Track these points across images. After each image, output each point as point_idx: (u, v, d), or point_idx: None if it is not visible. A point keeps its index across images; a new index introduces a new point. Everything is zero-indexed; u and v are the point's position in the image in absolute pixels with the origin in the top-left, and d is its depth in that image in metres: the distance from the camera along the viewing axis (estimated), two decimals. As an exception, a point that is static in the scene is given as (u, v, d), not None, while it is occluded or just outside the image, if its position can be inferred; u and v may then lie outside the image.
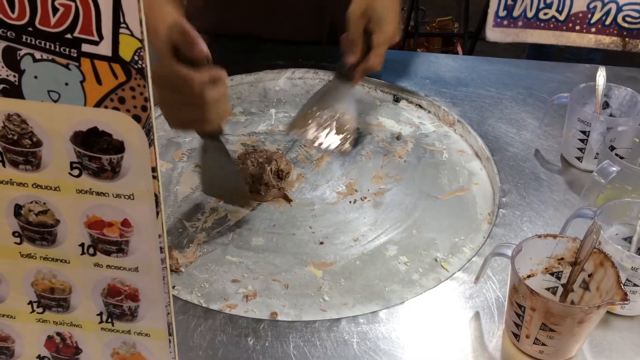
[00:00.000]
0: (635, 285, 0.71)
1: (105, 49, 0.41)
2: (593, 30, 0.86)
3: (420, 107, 1.14)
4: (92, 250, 0.49)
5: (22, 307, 0.54)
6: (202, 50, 0.75)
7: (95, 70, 0.42)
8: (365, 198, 0.94)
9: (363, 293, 0.79)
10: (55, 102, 0.43)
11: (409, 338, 0.71)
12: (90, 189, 0.46)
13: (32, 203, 0.47)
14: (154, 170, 0.44)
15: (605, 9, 0.83)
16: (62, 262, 0.50)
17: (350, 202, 0.93)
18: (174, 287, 0.79)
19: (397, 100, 1.16)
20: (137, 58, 0.41)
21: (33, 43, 0.42)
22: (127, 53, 0.41)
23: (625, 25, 0.84)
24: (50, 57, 0.42)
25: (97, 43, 0.41)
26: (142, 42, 0.40)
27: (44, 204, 0.47)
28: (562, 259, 0.70)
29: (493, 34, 0.91)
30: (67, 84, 0.42)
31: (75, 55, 0.41)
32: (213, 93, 0.76)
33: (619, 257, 0.68)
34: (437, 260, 0.84)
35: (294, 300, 0.78)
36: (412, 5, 2.65)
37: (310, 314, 0.76)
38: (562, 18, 0.86)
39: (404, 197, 0.95)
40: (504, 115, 1.09)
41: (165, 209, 0.90)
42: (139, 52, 0.41)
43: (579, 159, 0.96)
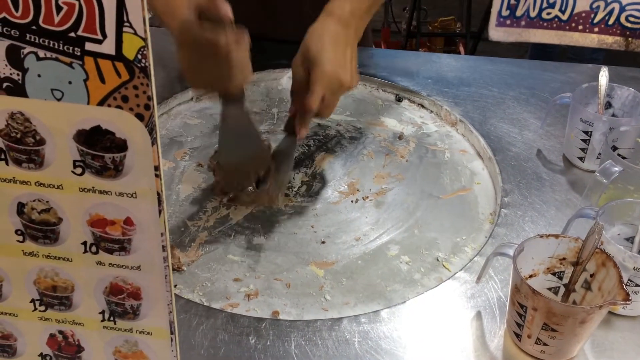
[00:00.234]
0: (637, 286, 0.70)
1: (109, 48, 0.41)
2: (596, 30, 0.86)
3: (423, 106, 1.14)
4: (94, 249, 0.49)
5: (24, 305, 0.54)
6: (226, 12, 0.76)
7: (99, 69, 0.42)
8: (367, 197, 0.94)
9: (365, 292, 0.79)
10: (59, 100, 0.43)
11: (411, 337, 0.71)
12: (93, 187, 0.46)
13: (34, 201, 0.47)
14: (157, 169, 0.44)
15: (609, 9, 0.83)
16: (64, 260, 0.50)
17: (352, 201, 0.93)
18: (176, 285, 0.79)
19: (399, 100, 1.16)
20: (140, 57, 0.41)
21: (37, 41, 0.42)
22: (130, 52, 0.41)
23: (629, 25, 0.84)
24: (54, 55, 0.42)
25: (100, 42, 0.41)
26: (145, 40, 0.40)
27: (47, 202, 0.47)
28: (564, 259, 0.70)
29: (496, 34, 0.91)
30: (70, 83, 0.42)
31: (79, 54, 0.41)
32: (237, 53, 0.79)
33: (621, 257, 0.68)
34: (438, 260, 0.84)
35: (296, 300, 0.78)
36: (414, 5, 2.65)
37: (312, 313, 0.76)
38: (565, 18, 0.86)
39: (406, 196, 0.95)
40: (506, 115, 1.09)
41: (168, 208, 0.90)
42: (143, 50, 0.41)
43: (581, 159, 0.96)
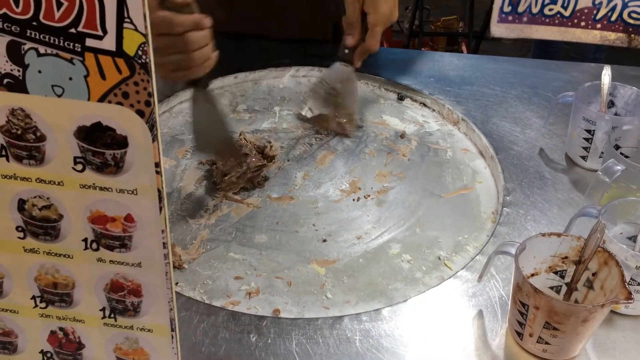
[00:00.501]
0: (640, 285, 0.70)
1: (109, 44, 0.41)
2: (598, 27, 0.85)
3: (425, 105, 1.14)
4: (95, 245, 0.49)
5: (25, 301, 0.54)
6: None
7: (99, 65, 0.42)
8: (369, 196, 0.94)
9: (366, 291, 0.79)
10: (59, 96, 0.43)
11: (412, 336, 0.71)
12: (94, 184, 0.46)
13: (35, 198, 0.48)
14: (157, 166, 0.44)
15: (611, 5, 0.83)
16: (65, 257, 0.50)
17: (354, 200, 0.93)
18: (177, 283, 0.79)
19: (401, 99, 1.16)
20: (141, 53, 0.41)
21: (37, 37, 0.42)
22: (131, 48, 0.41)
23: (631, 22, 0.83)
24: (55, 51, 0.42)
25: (101, 38, 0.41)
26: (146, 37, 0.40)
27: (48, 199, 0.47)
28: (566, 258, 0.70)
29: (498, 30, 0.91)
30: (71, 79, 0.42)
31: (79, 50, 0.41)
32: (196, 36, 0.78)
33: (624, 256, 0.68)
34: (440, 259, 0.84)
35: (297, 298, 0.78)
36: (416, 5, 2.65)
37: (313, 312, 0.76)
38: (567, 14, 0.85)
39: (408, 195, 0.94)
40: (509, 114, 1.08)
41: (169, 206, 0.90)
42: (143, 47, 0.41)
43: (584, 158, 0.95)
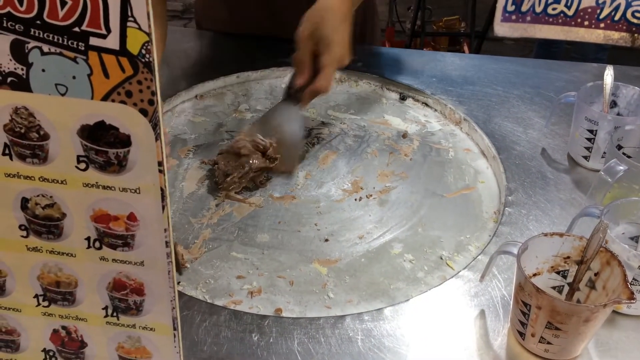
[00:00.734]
0: (642, 285, 0.70)
1: (113, 43, 0.41)
2: (602, 26, 0.85)
3: (427, 105, 1.14)
4: (98, 244, 0.49)
5: (27, 300, 0.54)
6: None
7: (103, 64, 0.42)
8: (371, 196, 0.94)
9: (368, 290, 0.79)
10: (63, 95, 0.43)
11: (414, 336, 0.71)
12: (97, 183, 0.46)
13: (38, 196, 0.48)
14: (160, 164, 0.44)
15: (615, 5, 0.82)
16: (68, 255, 0.50)
17: (356, 199, 0.93)
18: (179, 282, 0.79)
19: (403, 99, 1.16)
20: (144, 52, 0.41)
21: (41, 36, 0.42)
22: (134, 47, 0.41)
23: (635, 21, 0.83)
24: (58, 50, 0.42)
25: (104, 36, 0.41)
26: (149, 35, 0.40)
27: (51, 198, 0.47)
28: (568, 258, 0.70)
29: (501, 29, 0.90)
30: (74, 78, 0.42)
31: (83, 49, 0.41)
32: None
33: (626, 256, 0.68)
34: (442, 259, 0.84)
35: (299, 297, 0.78)
36: (418, 5, 2.64)
37: (315, 311, 0.76)
38: (570, 13, 0.85)
39: (410, 195, 0.94)
40: (511, 114, 1.08)
41: (171, 205, 0.90)
42: (147, 45, 0.41)
43: (586, 158, 0.95)
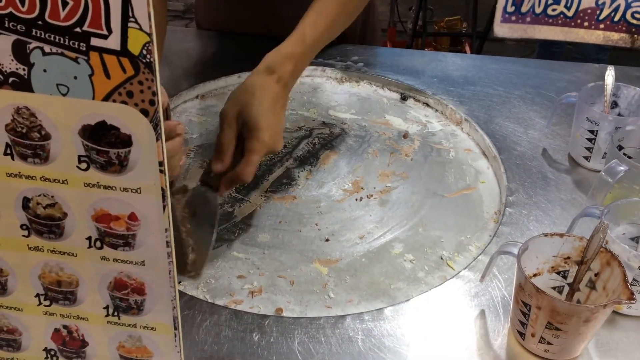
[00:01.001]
0: (642, 285, 0.70)
1: (114, 43, 0.41)
2: (601, 27, 0.85)
3: (428, 105, 1.14)
4: (99, 244, 0.49)
5: (29, 299, 0.54)
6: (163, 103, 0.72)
7: (104, 64, 0.42)
8: (372, 196, 0.94)
9: (368, 290, 0.79)
10: (64, 95, 0.43)
11: (414, 335, 0.71)
12: (98, 183, 0.46)
13: (40, 196, 0.48)
14: (161, 165, 0.45)
15: (614, 5, 0.82)
16: (69, 255, 0.50)
17: (357, 199, 0.93)
18: (180, 282, 0.79)
19: (404, 99, 1.16)
20: (145, 52, 0.41)
21: (42, 37, 0.42)
22: (135, 47, 0.41)
23: (634, 22, 0.83)
24: (60, 50, 0.42)
25: (106, 37, 0.41)
26: (150, 36, 0.40)
27: (52, 197, 0.48)
28: (568, 258, 0.70)
29: (501, 30, 0.91)
30: (75, 78, 0.42)
31: (84, 49, 0.42)
32: (168, 145, 0.72)
33: (626, 256, 0.68)
34: (442, 259, 0.84)
35: (299, 297, 0.78)
36: (420, 5, 2.64)
37: (316, 311, 0.76)
38: (570, 14, 0.85)
39: (410, 195, 0.95)
40: (512, 114, 1.08)
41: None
42: (148, 46, 0.41)
43: (587, 159, 0.95)
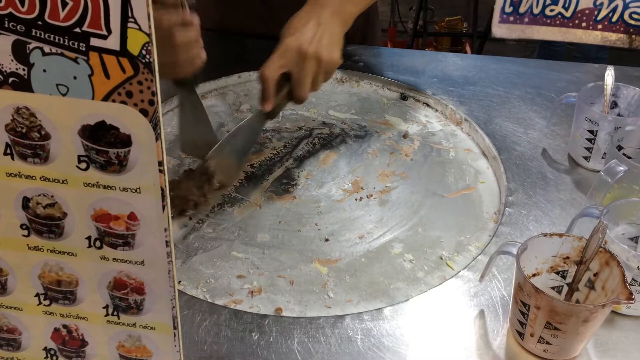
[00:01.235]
0: (641, 285, 0.70)
1: (114, 43, 0.41)
2: (599, 27, 0.85)
3: (428, 105, 1.14)
4: (98, 243, 0.49)
5: (29, 299, 0.54)
6: None
7: (104, 64, 0.42)
8: (371, 196, 0.94)
9: (368, 290, 0.79)
10: (64, 95, 0.43)
11: (413, 335, 0.71)
12: (98, 182, 0.46)
13: (40, 196, 0.48)
14: (161, 164, 0.45)
15: (612, 6, 0.83)
16: (69, 254, 0.51)
17: (356, 199, 0.93)
18: (180, 282, 0.79)
19: (404, 99, 1.16)
20: (144, 52, 0.41)
21: (42, 37, 0.42)
22: (135, 47, 0.41)
23: (632, 23, 0.83)
24: (59, 50, 0.42)
25: (105, 37, 0.41)
26: (150, 36, 0.41)
27: (52, 197, 0.48)
28: (567, 258, 0.70)
29: (499, 30, 0.91)
30: (75, 78, 0.43)
31: (84, 49, 0.42)
32: (183, 35, 0.77)
33: (625, 256, 0.68)
34: (442, 259, 0.84)
35: (299, 297, 0.78)
36: (420, 5, 2.64)
37: (315, 310, 0.76)
38: (568, 15, 0.85)
39: (410, 195, 0.95)
40: (512, 115, 1.08)
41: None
42: (147, 46, 0.41)
43: (587, 159, 0.95)
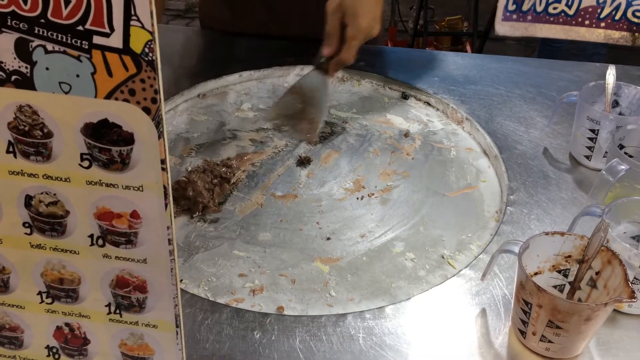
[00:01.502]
0: (643, 284, 0.70)
1: (116, 41, 0.41)
2: (602, 25, 0.85)
3: (429, 104, 1.14)
4: (101, 242, 0.49)
5: (31, 297, 0.54)
6: None
7: (106, 62, 0.42)
8: (373, 194, 0.94)
9: (369, 289, 0.79)
10: (67, 93, 0.43)
11: (415, 334, 0.71)
12: (100, 181, 0.46)
13: (42, 194, 0.48)
14: (163, 162, 0.45)
15: (615, 4, 0.83)
16: (71, 253, 0.51)
17: (358, 198, 0.93)
18: (182, 280, 0.79)
19: (405, 98, 1.16)
20: (147, 50, 0.41)
21: (45, 35, 0.42)
22: (137, 45, 0.41)
23: (635, 20, 0.83)
24: (62, 48, 0.42)
25: (108, 35, 0.41)
26: (152, 34, 0.41)
27: (54, 195, 0.48)
28: (569, 257, 0.70)
29: (502, 28, 0.91)
30: (78, 76, 0.42)
31: (87, 47, 0.42)
32: None
33: (627, 255, 0.68)
34: (444, 257, 0.84)
35: (301, 295, 0.78)
36: (421, 4, 2.64)
37: (317, 309, 0.76)
38: (571, 12, 0.85)
39: (412, 194, 0.95)
40: (513, 114, 1.08)
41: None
42: (150, 44, 0.41)
43: (588, 158, 0.95)
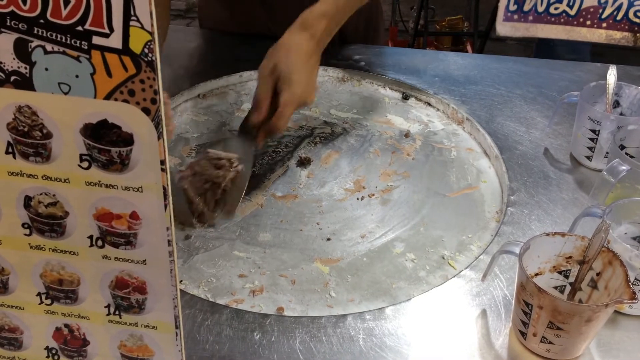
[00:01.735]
0: (644, 285, 0.70)
1: (116, 42, 0.41)
2: (604, 26, 0.85)
3: (429, 104, 1.14)
4: (100, 243, 0.49)
5: (30, 298, 0.54)
6: None
7: (106, 63, 0.42)
8: (373, 195, 0.94)
9: (370, 290, 0.79)
10: (66, 94, 0.43)
11: (415, 335, 0.71)
12: (99, 181, 0.46)
13: (41, 195, 0.48)
14: (163, 163, 0.45)
15: (617, 4, 0.82)
16: (70, 253, 0.50)
17: (358, 198, 0.93)
18: (181, 281, 0.79)
19: (406, 98, 1.16)
20: (147, 51, 0.41)
21: (44, 35, 0.42)
22: (137, 46, 0.41)
23: (637, 21, 0.83)
24: (61, 49, 0.42)
25: (107, 35, 0.41)
26: (152, 34, 0.40)
27: (54, 196, 0.48)
28: (570, 258, 0.70)
29: (503, 29, 0.90)
30: (77, 76, 0.42)
31: (86, 48, 0.42)
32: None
33: (628, 256, 0.68)
34: (444, 258, 0.84)
35: (301, 296, 0.78)
36: (421, 4, 2.64)
37: (317, 310, 0.76)
38: (572, 13, 0.85)
39: (412, 194, 0.94)
40: (513, 114, 1.08)
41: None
42: (149, 44, 0.41)
43: (589, 158, 0.95)
